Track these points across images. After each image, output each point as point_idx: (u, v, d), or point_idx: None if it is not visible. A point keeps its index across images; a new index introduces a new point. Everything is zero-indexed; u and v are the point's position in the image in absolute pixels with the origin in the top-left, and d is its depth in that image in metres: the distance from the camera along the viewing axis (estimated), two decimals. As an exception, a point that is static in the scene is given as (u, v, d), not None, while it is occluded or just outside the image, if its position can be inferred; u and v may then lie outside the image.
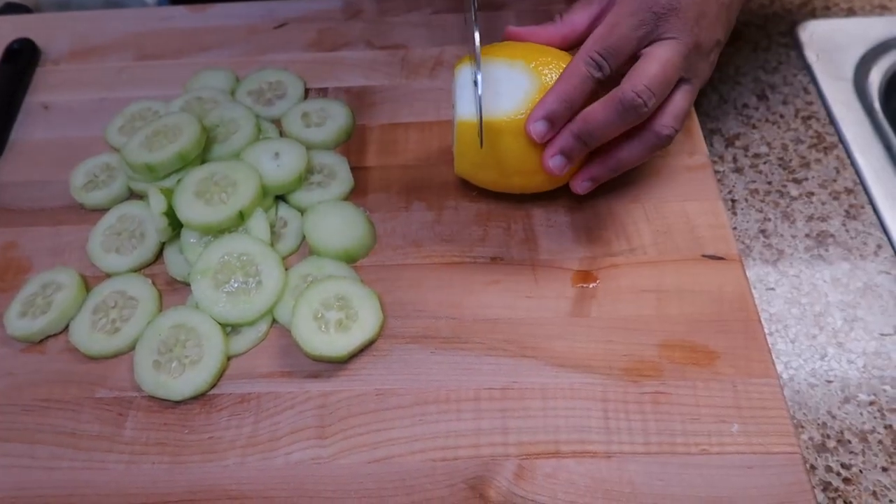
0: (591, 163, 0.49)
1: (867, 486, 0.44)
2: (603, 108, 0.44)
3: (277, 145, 0.55)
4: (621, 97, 0.43)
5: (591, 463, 0.42)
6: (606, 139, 0.46)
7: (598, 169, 0.49)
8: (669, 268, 0.50)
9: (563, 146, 0.46)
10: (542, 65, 0.47)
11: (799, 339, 0.51)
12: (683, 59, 0.45)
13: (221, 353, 0.46)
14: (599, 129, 0.45)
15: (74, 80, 0.66)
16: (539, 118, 0.45)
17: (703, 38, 0.46)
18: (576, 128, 0.45)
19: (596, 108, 0.45)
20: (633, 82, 0.43)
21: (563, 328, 0.47)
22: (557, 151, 0.46)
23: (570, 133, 0.45)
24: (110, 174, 0.57)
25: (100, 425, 0.45)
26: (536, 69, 0.47)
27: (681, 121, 0.46)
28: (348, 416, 0.44)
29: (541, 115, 0.45)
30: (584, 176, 0.49)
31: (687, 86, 0.47)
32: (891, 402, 0.48)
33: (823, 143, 0.62)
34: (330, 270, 0.50)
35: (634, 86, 0.43)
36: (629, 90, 0.43)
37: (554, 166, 0.46)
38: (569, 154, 0.46)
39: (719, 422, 0.43)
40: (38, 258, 0.54)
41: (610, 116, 0.44)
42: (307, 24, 0.69)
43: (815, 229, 0.56)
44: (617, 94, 0.44)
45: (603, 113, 0.44)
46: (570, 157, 0.46)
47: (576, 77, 0.45)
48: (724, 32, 0.48)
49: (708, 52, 0.47)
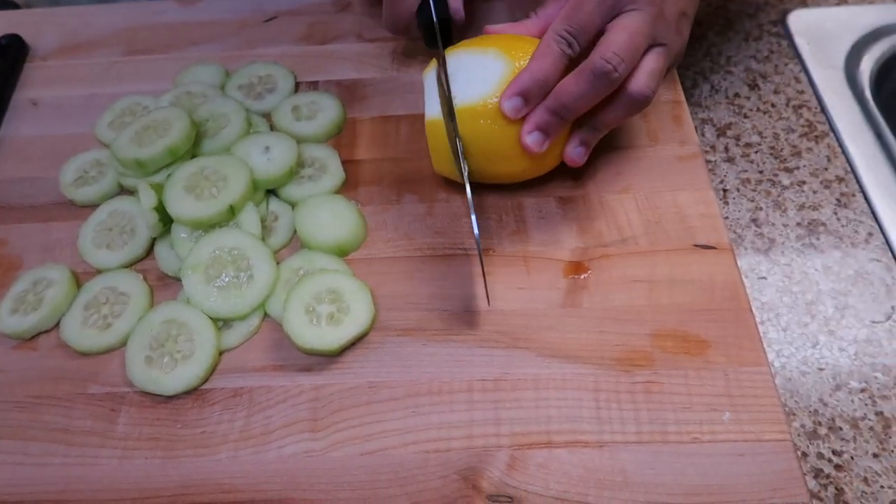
0: (577, 129, 0.49)
1: (858, 473, 0.45)
2: (575, 80, 0.45)
3: (268, 139, 0.55)
4: (591, 67, 0.44)
5: (583, 452, 0.42)
6: (581, 111, 0.47)
7: (585, 132, 0.49)
8: (661, 258, 0.50)
9: (538, 121, 0.46)
10: (514, 49, 0.48)
11: (791, 327, 0.51)
12: (649, 26, 0.46)
13: (213, 348, 0.46)
14: (573, 100, 0.45)
15: (63, 75, 0.66)
16: (513, 94, 0.46)
17: (666, 9, 0.47)
18: (549, 103, 0.46)
19: (568, 81, 0.45)
20: (602, 51, 0.44)
21: (555, 319, 0.47)
22: (534, 128, 0.47)
23: (544, 108, 0.46)
24: (100, 170, 0.57)
25: (92, 421, 0.45)
26: (509, 53, 0.48)
27: (656, 80, 0.47)
28: (341, 408, 0.44)
29: (514, 91, 0.46)
30: (575, 142, 0.50)
31: (658, 48, 0.48)
32: (882, 388, 0.48)
33: (814, 131, 0.62)
34: (321, 264, 0.50)
35: (603, 53, 0.44)
36: (598, 58, 0.44)
37: (532, 143, 0.47)
38: (545, 129, 0.47)
39: (711, 410, 0.43)
40: (28, 255, 0.53)
41: (582, 87, 0.45)
42: (297, 18, 0.69)
43: (807, 218, 0.56)
44: (587, 64, 0.45)
45: (575, 85, 0.45)
46: (547, 133, 0.47)
47: (548, 55, 0.46)
48: (688, 5, 0.50)
49: (674, 21, 0.48)
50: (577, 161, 0.50)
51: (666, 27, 0.48)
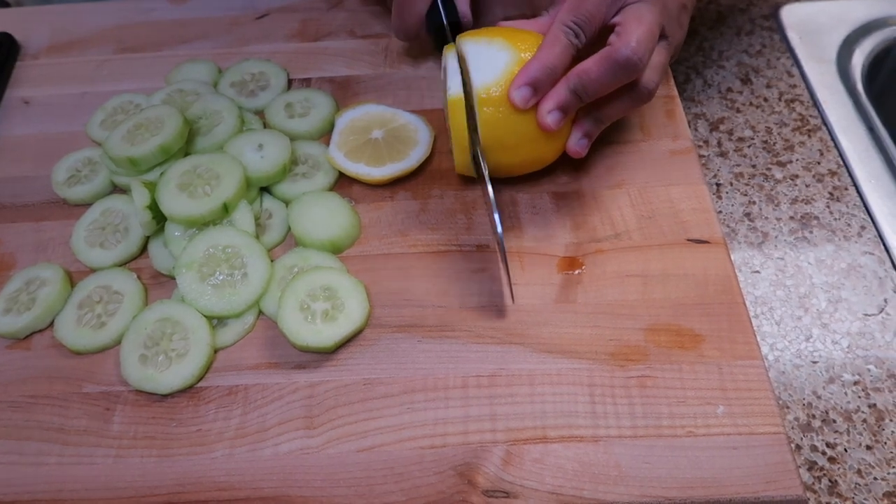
0: (580, 120, 0.50)
1: (852, 465, 0.45)
2: (597, 66, 0.45)
3: (261, 137, 0.55)
4: (616, 56, 0.44)
5: (578, 447, 0.42)
6: (599, 95, 0.47)
7: (589, 124, 0.50)
8: (654, 252, 0.50)
9: (559, 100, 0.46)
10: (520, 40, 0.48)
11: (784, 320, 0.51)
12: (658, 16, 0.46)
13: (208, 346, 0.46)
14: (593, 84, 0.46)
15: (55, 74, 0.65)
16: (522, 84, 0.46)
17: (669, 2, 0.48)
18: (571, 83, 0.46)
19: (590, 65, 0.45)
20: (626, 40, 0.44)
21: (550, 314, 0.47)
22: (554, 106, 0.46)
23: (565, 87, 0.46)
24: (92, 169, 0.56)
25: (87, 420, 0.45)
26: (515, 44, 0.48)
27: (660, 74, 0.48)
28: (336, 406, 0.44)
29: (524, 81, 0.46)
30: (578, 133, 0.50)
31: (662, 41, 0.48)
32: (875, 381, 0.48)
33: (807, 125, 0.62)
34: (316, 261, 0.50)
35: (627, 44, 0.44)
36: (624, 49, 0.44)
37: (553, 121, 0.46)
38: (565, 108, 0.47)
39: (705, 404, 0.43)
40: (21, 254, 0.53)
41: (604, 74, 0.45)
42: (289, 15, 0.68)
43: (800, 211, 0.57)
44: (611, 53, 0.45)
45: (597, 70, 0.45)
46: (566, 112, 0.47)
47: (556, 45, 0.46)
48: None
49: (676, 14, 0.49)
50: (581, 153, 0.50)
51: (669, 20, 0.48)
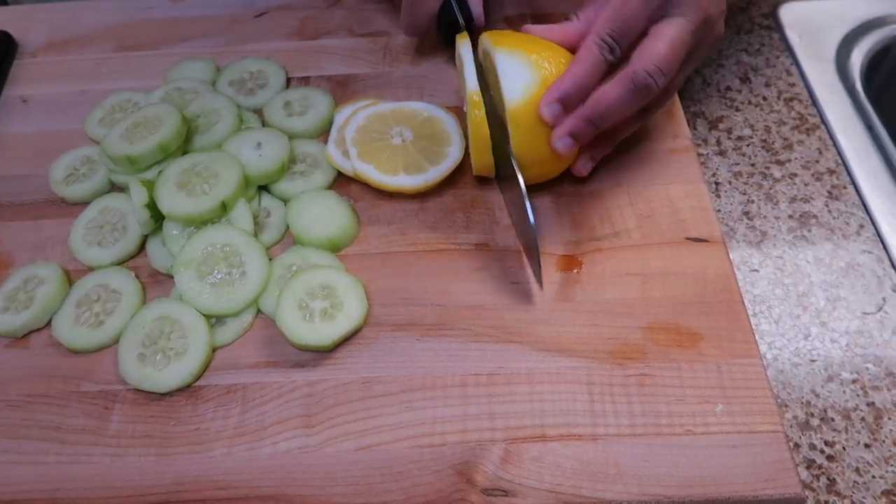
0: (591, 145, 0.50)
1: (850, 463, 0.45)
2: (615, 89, 0.44)
3: (259, 135, 0.55)
4: (633, 77, 0.44)
5: (577, 446, 0.42)
6: (617, 120, 0.46)
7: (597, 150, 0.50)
8: (653, 251, 0.50)
9: (573, 128, 0.45)
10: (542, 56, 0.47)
11: (783, 319, 0.51)
12: (692, 36, 0.45)
13: (206, 345, 0.46)
14: (611, 110, 0.45)
15: (53, 72, 0.65)
16: (553, 100, 0.45)
17: (711, 10, 0.46)
18: (587, 112, 0.45)
19: (608, 90, 0.45)
20: (644, 62, 0.44)
21: (549, 313, 0.47)
22: (567, 133, 0.46)
23: (581, 117, 0.45)
24: (91, 167, 0.56)
25: (85, 419, 0.45)
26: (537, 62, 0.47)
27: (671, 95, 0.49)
28: (335, 404, 0.44)
29: (555, 97, 0.45)
30: (585, 157, 0.50)
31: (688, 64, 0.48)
32: (873, 379, 0.48)
33: (806, 124, 0.62)
34: (314, 260, 0.50)
35: (645, 65, 0.44)
36: (640, 70, 0.44)
37: (563, 147, 0.46)
38: (578, 136, 0.46)
39: (703, 402, 0.43)
40: (19, 253, 0.53)
41: (622, 98, 0.44)
42: (288, 13, 0.68)
43: (798, 210, 0.57)
44: (628, 73, 0.44)
45: (615, 94, 0.44)
46: (578, 140, 0.46)
47: (589, 60, 0.45)
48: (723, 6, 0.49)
49: (715, 23, 0.48)
50: (585, 173, 0.51)
51: (706, 33, 0.47)
